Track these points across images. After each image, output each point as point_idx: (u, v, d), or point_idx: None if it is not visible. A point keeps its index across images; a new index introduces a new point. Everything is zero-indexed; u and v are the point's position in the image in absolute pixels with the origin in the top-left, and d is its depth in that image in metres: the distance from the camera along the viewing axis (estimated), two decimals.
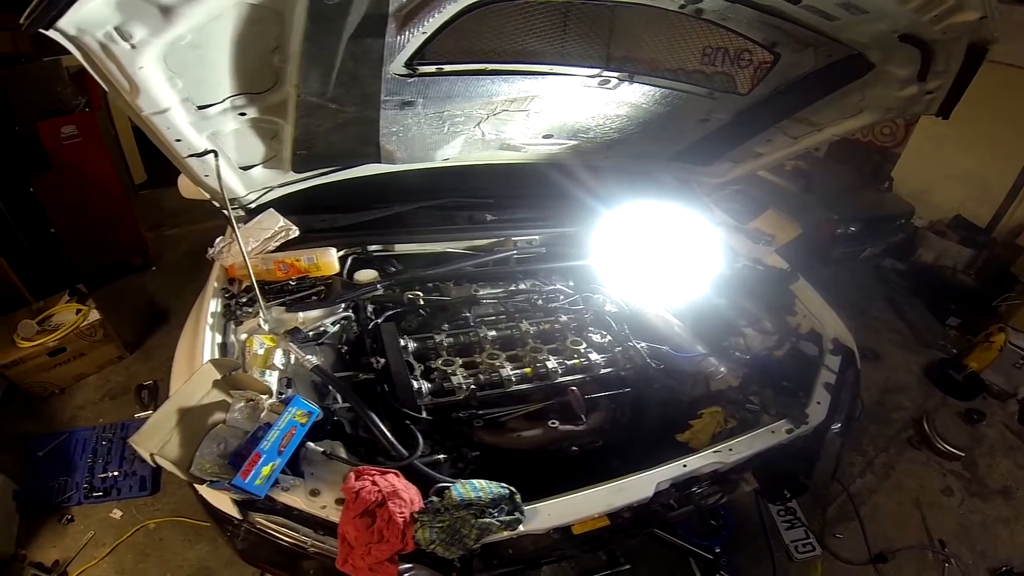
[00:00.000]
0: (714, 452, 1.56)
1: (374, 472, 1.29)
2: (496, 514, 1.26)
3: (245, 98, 1.49)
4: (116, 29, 1.09)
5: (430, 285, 2.06)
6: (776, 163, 2.35)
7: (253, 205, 1.99)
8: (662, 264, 2.18)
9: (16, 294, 3.40)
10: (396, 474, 1.32)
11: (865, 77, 1.69)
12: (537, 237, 2.36)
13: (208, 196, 1.91)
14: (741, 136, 2.20)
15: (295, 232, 1.91)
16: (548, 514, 1.34)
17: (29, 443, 2.80)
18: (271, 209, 1.94)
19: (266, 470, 1.22)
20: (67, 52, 1.10)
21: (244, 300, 1.81)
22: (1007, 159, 4.32)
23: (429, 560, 1.29)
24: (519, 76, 1.70)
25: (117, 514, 2.51)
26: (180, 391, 1.37)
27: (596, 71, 1.73)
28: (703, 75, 1.77)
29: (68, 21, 1.02)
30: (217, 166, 1.59)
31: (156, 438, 1.28)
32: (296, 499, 1.30)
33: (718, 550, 2.18)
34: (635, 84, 1.80)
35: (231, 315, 1.77)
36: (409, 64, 1.50)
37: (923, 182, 4.87)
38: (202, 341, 1.62)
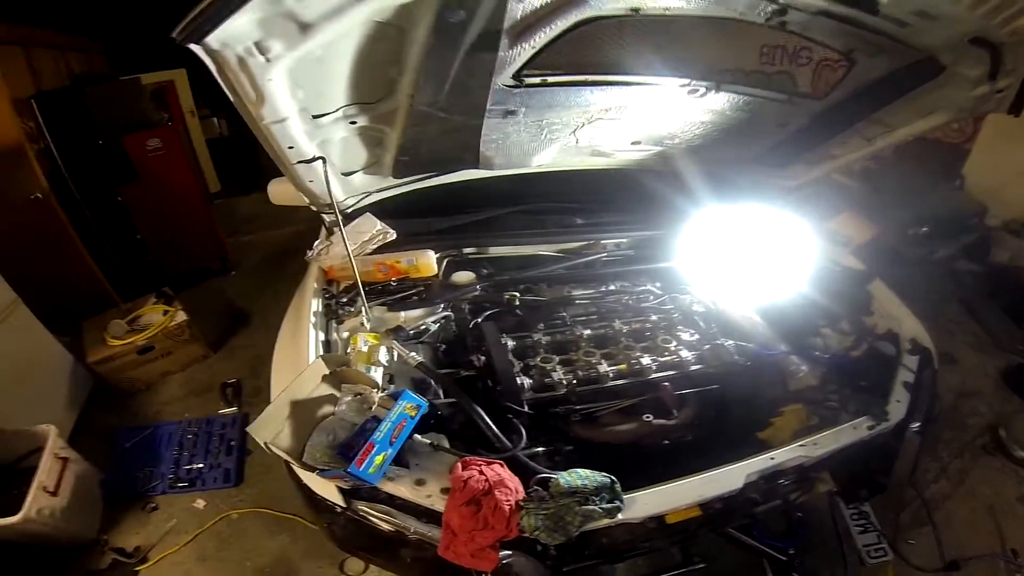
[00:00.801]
0: (800, 446, 1.61)
1: (480, 462, 1.41)
2: (598, 502, 1.35)
3: (357, 107, 1.64)
4: (256, 44, 1.23)
5: (523, 287, 2.16)
6: (850, 164, 2.38)
7: (350, 210, 2.15)
8: (748, 264, 2.24)
9: (106, 296, 3.77)
10: (501, 464, 1.42)
11: (937, 79, 1.74)
12: (625, 240, 2.46)
13: (304, 202, 2.11)
14: (817, 139, 2.25)
15: (392, 235, 2.05)
16: (644, 503, 1.42)
17: (116, 436, 3.06)
18: (368, 213, 2.08)
19: (379, 459, 1.35)
20: (143, 71, 1.26)
21: (344, 300, 1.96)
22: None
23: (527, 547, 1.39)
24: (615, 86, 1.82)
25: (200, 504, 2.69)
26: (292, 385, 1.51)
27: (687, 80, 1.83)
28: (783, 81, 1.83)
29: (216, 36, 1.16)
30: (326, 172, 1.75)
31: (271, 428, 1.43)
32: (402, 488, 1.42)
33: (792, 552, 2.21)
34: (721, 92, 1.89)
35: (332, 314, 1.92)
36: (516, 76, 1.64)
37: (996, 179, 4.63)
38: (306, 338, 1.77)
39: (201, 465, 2.88)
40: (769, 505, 1.72)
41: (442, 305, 2.00)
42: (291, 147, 1.66)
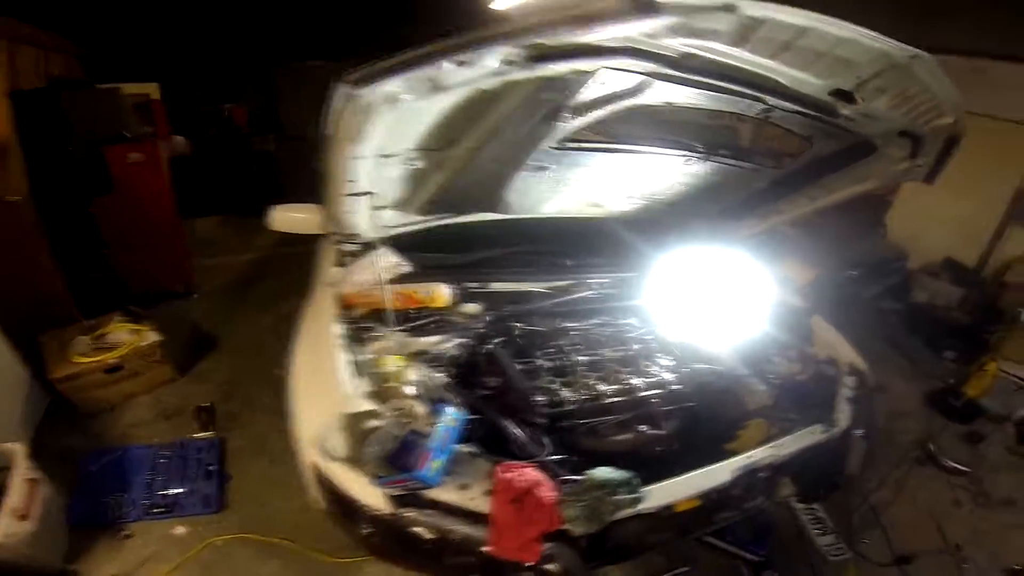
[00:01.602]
0: (770, 448, 1.98)
1: (518, 466, 1.62)
2: (624, 493, 1.61)
3: (421, 152, 1.91)
4: (391, 95, 1.47)
5: (520, 319, 2.46)
6: (794, 219, 2.90)
7: (371, 241, 2.34)
8: (709, 301, 2.58)
9: (67, 311, 3.66)
10: (534, 468, 1.64)
11: (871, 156, 2.25)
12: (606, 279, 2.80)
13: (307, 230, 2.48)
14: (772, 198, 2.76)
15: (406, 268, 2.27)
16: (657, 495, 1.70)
17: (79, 458, 2.95)
18: (384, 247, 2.29)
19: (435, 464, 1.55)
20: (117, 80, 1.48)
21: (365, 325, 2.14)
22: (991, 203, 4.89)
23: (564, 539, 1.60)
24: (630, 153, 2.25)
25: (180, 531, 2.63)
26: (341, 403, 1.68)
27: (685, 152, 2.30)
28: (727, 134, 2.36)
29: (376, 88, 1.45)
30: (372, 205, 2.00)
31: (331, 441, 1.59)
32: (448, 493, 1.61)
33: (763, 553, 2.54)
34: (708, 161, 2.36)
35: (354, 338, 2.09)
36: (561, 141, 2.01)
37: (914, 228, 5.40)
38: (336, 361, 1.92)
39: (180, 490, 2.82)
40: (750, 504, 2.02)
41: (456, 332, 2.23)
42: (352, 180, 1.89)
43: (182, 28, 5.59)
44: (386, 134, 1.70)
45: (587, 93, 1.72)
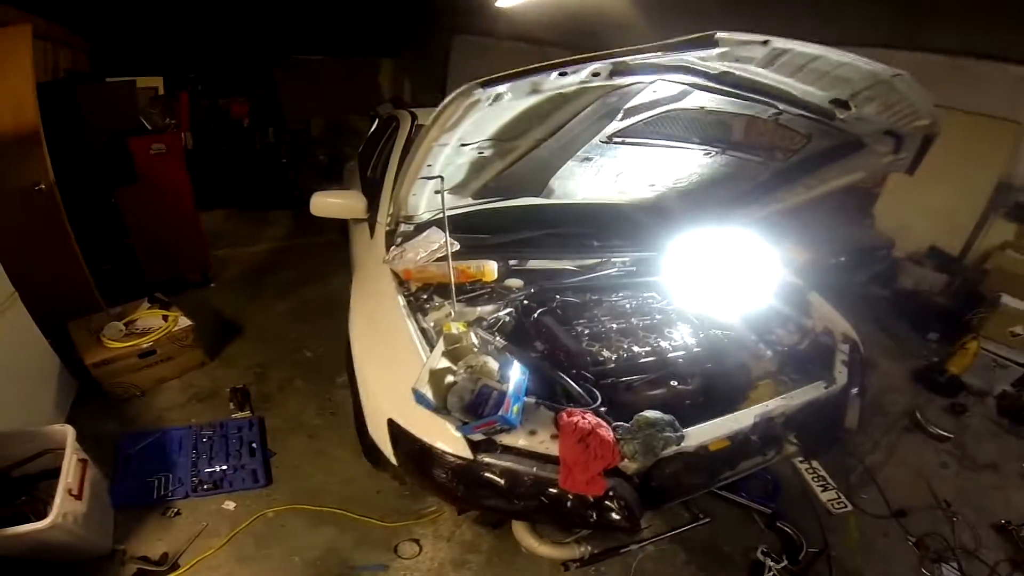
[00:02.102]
0: (782, 398, 2.38)
1: (579, 411, 1.96)
2: (670, 431, 1.97)
3: (492, 142, 2.25)
4: (497, 95, 1.83)
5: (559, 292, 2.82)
6: (791, 207, 3.30)
7: (416, 223, 2.69)
8: (720, 276, 2.99)
9: (90, 299, 3.89)
10: (591, 413, 1.98)
11: (860, 151, 2.69)
12: (628, 258, 3.20)
13: (346, 215, 2.93)
14: (774, 188, 3.21)
15: (456, 246, 2.57)
16: (695, 435, 2.08)
17: (116, 442, 3.08)
18: (434, 227, 2.61)
19: (516, 408, 1.87)
20: (122, 75, 1.81)
21: (424, 297, 2.48)
22: (974, 195, 5.37)
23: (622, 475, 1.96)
24: (662, 147, 2.68)
25: (230, 505, 2.80)
26: (429, 361, 1.99)
27: (707, 146, 2.70)
28: (721, 128, 2.70)
29: (495, 88, 1.78)
30: (442, 188, 2.35)
31: (425, 388, 1.90)
32: (520, 439, 1.95)
33: (773, 506, 2.93)
34: (724, 155, 2.78)
35: (416, 308, 2.42)
36: (610, 137, 2.45)
37: (900, 218, 5.85)
38: (406, 328, 2.26)
39: (225, 467, 2.99)
40: (765, 455, 2.43)
41: (505, 303, 2.59)
42: (430, 164, 2.23)
43: (184, 23, 5.79)
44: (472, 126, 2.04)
45: (640, 98, 2.11)
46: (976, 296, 4.85)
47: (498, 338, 2.25)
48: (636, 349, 2.47)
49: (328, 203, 3.07)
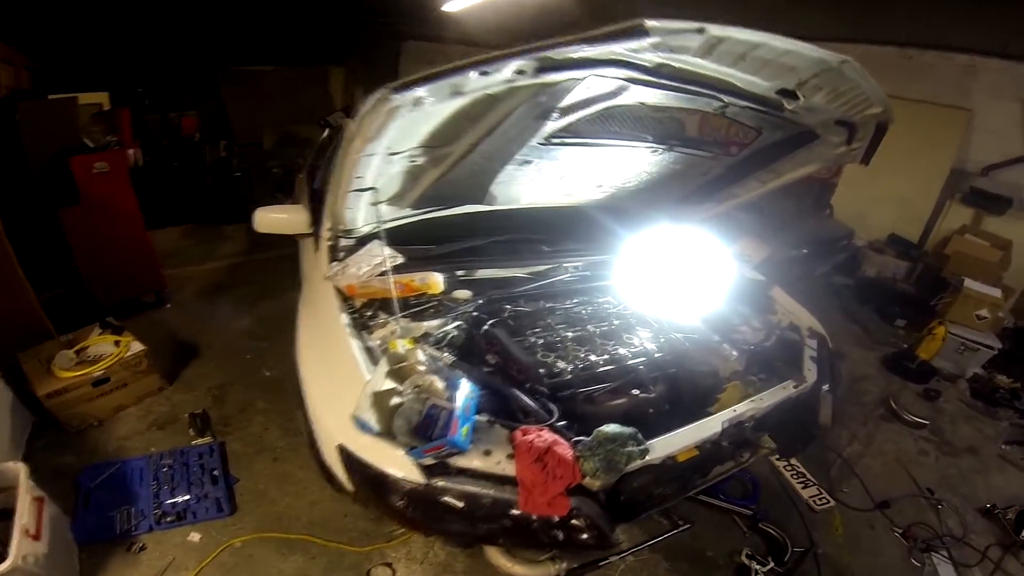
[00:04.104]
0: (751, 402, 2.14)
1: (535, 429, 1.70)
2: (632, 445, 1.71)
3: (423, 150, 1.99)
4: (417, 99, 1.61)
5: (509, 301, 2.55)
6: (747, 201, 3.11)
7: (365, 235, 2.41)
8: (678, 277, 2.71)
9: (40, 327, 3.49)
10: (548, 430, 1.72)
11: (813, 143, 2.48)
12: (581, 263, 2.93)
13: (290, 230, 2.55)
14: (727, 183, 2.99)
15: (400, 259, 2.31)
16: (660, 447, 1.83)
17: (75, 475, 2.83)
18: (376, 240, 2.32)
19: (464, 430, 1.61)
20: (66, 91, 1.54)
21: (369, 313, 2.19)
22: (929, 182, 5.25)
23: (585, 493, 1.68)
24: (605, 146, 2.45)
25: (195, 537, 2.57)
26: (369, 383, 1.72)
27: (652, 144, 2.51)
28: (674, 125, 2.51)
29: (408, 93, 1.57)
30: (375, 200, 2.09)
31: (367, 415, 1.62)
32: (474, 460, 1.68)
33: (754, 507, 2.66)
34: (672, 152, 2.55)
35: (361, 326, 2.13)
36: (548, 137, 2.19)
37: (858, 207, 5.72)
38: (349, 347, 1.98)
39: (187, 497, 2.75)
40: (738, 457, 2.20)
41: (453, 316, 2.30)
42: (360, 176, 1.98)
43: (128, 37, 5.45)
44: (398, 133, 1.79)
45: (574, 96, 1.89)
46: (939, 281, 4.68)
47: (446, 354, 1.98)
48: (593, 358, 2.22)
49: (271, 219, 2.74)
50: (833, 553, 2.62)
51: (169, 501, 2.72)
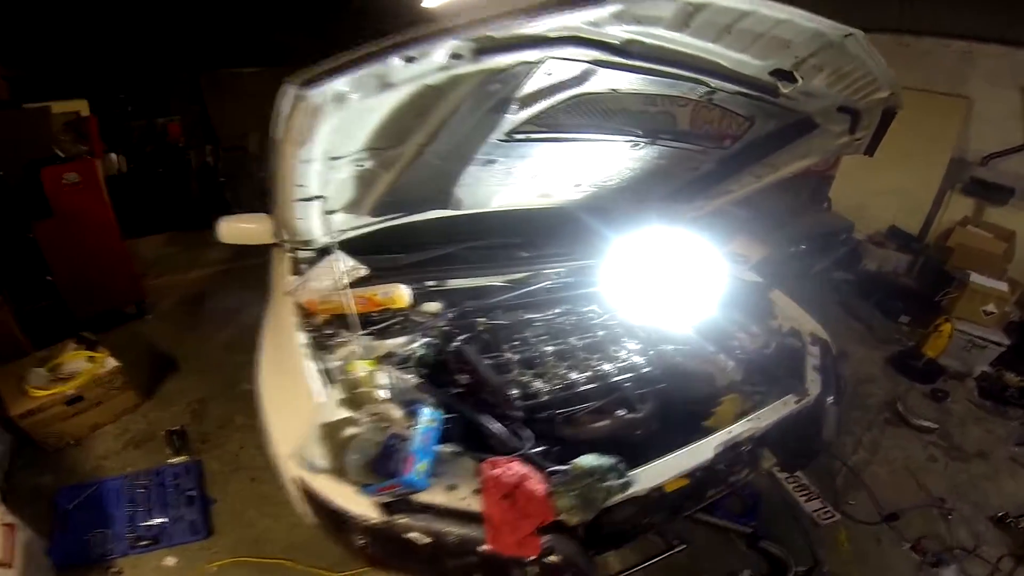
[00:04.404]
0: (748, 421, 1.91)
1: (504, 461, 1.51)
2: (613, 478, 1.51)
3: (369, 152, 1.77)
4: (339, 94, 1.37)
5: (486, 313, 2.34)
6: (743, 197, 2.85)
7: (320, 247, 2.19)
8: (668, 283, 2.50)
9: (14, 344, 3.34)
10: (519, 461, 1.52)
11: (812, 132, 2.22)
12: (563, 269, 2.71)
13: (256, 240, 2.29)
14: (719, 179, 2.72)
15: (363, 271, 2.12)
16: (645, 477, 1.61)
17: (53, 497, 2.71)
18: (338, 250, 2.13)
19: (421, 466, 1.41)
20: (44, 99, 1.35)
21: (329, 331, 1.98)
22: (929, 172, 5.01)
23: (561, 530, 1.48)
24: (578, 141, 2.15)
25: (171, 561, 2.46)
26: (317, 413, 1.53)
27: (631, 137, 2.19)
28: (665, 119, 2.23)
29: (324, 87, 1.33)
30: (323, 209, 1.87)
31: (310, 453, 1.44)
32: (437, 495, 1.48)
33: (754, 524, 2.47)
34: (655, 145, 2.28)
35: (320, 345, 1.93)
36: (509, 133, 1.90)
37: (857, 200, 5.49)
38: (306, 369, 1.76)
39: (163, 520, 2.62)
40: (736, 478, 1.98)
41: (420, 333, 2.10)
42: (301, 185, 1.74)
43: (107, 41, 5.25)
44: (334, 135, 1.57)
45: (533, 84, 1.62)
46: (943, 275, 4.46)
47: (411, 376, 1.79)
48: (574, 375, 2.02)
49: (235, 229, 2.51)
50: (839, 571, 2.44)
51: (144, 524, 2.60)
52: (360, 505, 1.50)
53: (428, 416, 1.53)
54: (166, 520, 2.61)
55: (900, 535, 2.61)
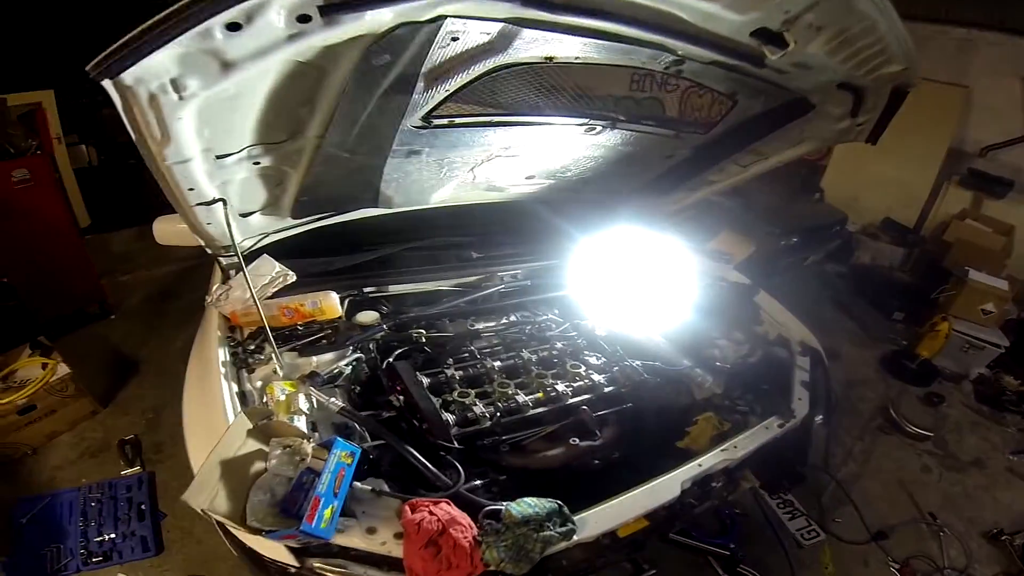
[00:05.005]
0: (722, 451, 1.66)
1: (428, 503, 1.28)
2: (552, 527, 1.28)
3: (263, 148, 1.51)
4: (172, 81, 1.10)
5: (427, 323, 2.08)
6: (726, 189, 2.56)
7: (245, 252, 1.93)
8: (640, 287, 2.26)
9: None
10: (447, 503, 1.31)
11: (807, 115, 1.88)
12: (519, 271, 2.44)
13: (194, 242, 1.89)
14: (699, 168, 2.38)
15: (292, 277, 1.87)
16: (595, 521, 1.38)
17: (10, 509, 2.55)
18: (265, 255, 1.89)
19: (328, 512, 1.19)
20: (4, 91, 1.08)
21: (252, 347, 1.76)
22: (925, 162, 4.73)
23: None
24: (518, 126, 1.81)
25: None
26: (219, 445, 1.31)
27: (585, 120, 1.84)
28: (652, 106, 1.88)
29: (133, 72, 1.04)
30: (227, 215, 1.60)
31: (206, 493, 1.22)
32: (354, 539, 1.27)
33: (732, 546, 2.24)
34: (616, 129, 1.93)
35: (242, 363, 1.72)
36: (426, 117, 1.57)
37: (850, 190, 5.21)
38: (220, 392, 1.55)
39: (114, 535, 2.47)
40: (705, 505, 1.72)
41: (351, 347, 1.86)
42: (191, 189, 1.50)
43: (75, 28, 4.96)
44: (205, 130, 1.32)
45: (438, 55, 1.29)
46: (939, 271, 4.20)
47: (333, 399, 1.55)
48: (522, 399, 1.75)
49: (171, 229, 2.16)
50: None
51: (96, 539, 2.45)
52: (271, 548, 1.29)
53: (342, 450, 1.30)
54: (116, 536, 2.46)
55: (888, 555, 2.39)
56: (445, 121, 1.62)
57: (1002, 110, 4.40)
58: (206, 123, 1.29)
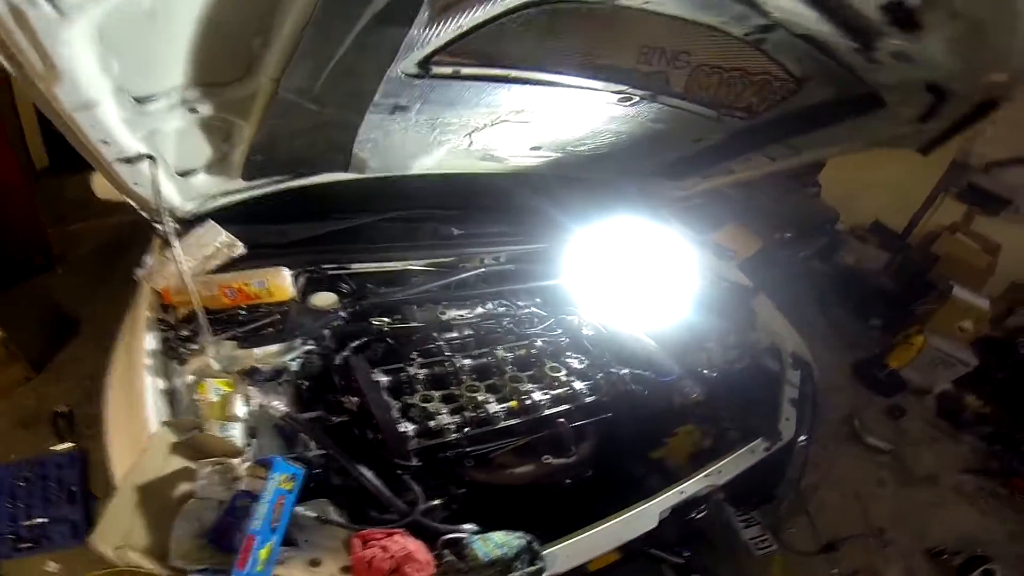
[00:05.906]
0: (705, 476, 1.63)
1: (380, 535, 1.20)
2: (520, 567, 1.22)
3: (200, 90, 1.25)
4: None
5: (392, 310, 1.92)
6: (746, 180, 2.38)
7: (189, 216, 1.73)
8: (636, 283, 2.18)
9: None
10: (402, 533, 1.23)
11: (872, 113, 1.64)
12: (504, 253, 2.27)
13: (132, 203, 1.64)
14: (726, 155, 2.18)
15: (240, 249, 1.68)
16: (566, 556, 1.32)
17: None
18: (210, 221, 1.68)
19: (263, 553, 1.09)
20: None
21: (186, 334, 1.55)
22: (927, 170, 4.66)
23: None
24: (540, 85, 1.54)
25: (53, 567, 2.24)
26: (134, 467, 1.19)
27: (624, 87, 1.62)
28: (657, 81, 1.66)
29: None
30: (154, 175, 1.36)
31: (118, 530, 1.12)
32: (295, 573, 1.18)
33: (687, 554, 2.27)
34: (654, 103, 1.71)
35: (172, 353, 1.52)
36: (424, 62, 1.31)
37: (848, 188, 5.18)
38: (142, 391, 1.38)
39: (43, 519, 2.37)
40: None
41: (304, 336, 1.67)
42: (105, 141, 1.24)
43: None
44: (115, 62, 1.07)
45: None
46: (920, 280, 4.27)
47: (276, 403, 1.43)
48: (493, 408, 1.62)
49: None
50: None
51: (25, 523, 2.35)
52: None
53: (281, 474, 1.19)
54: (46, 519, 2.37)
55: (833, 568, 2.50)
56: (448, 70, 1.36)
57: (1015, 126, 4.25)
58: (112, 52, 1.04)
